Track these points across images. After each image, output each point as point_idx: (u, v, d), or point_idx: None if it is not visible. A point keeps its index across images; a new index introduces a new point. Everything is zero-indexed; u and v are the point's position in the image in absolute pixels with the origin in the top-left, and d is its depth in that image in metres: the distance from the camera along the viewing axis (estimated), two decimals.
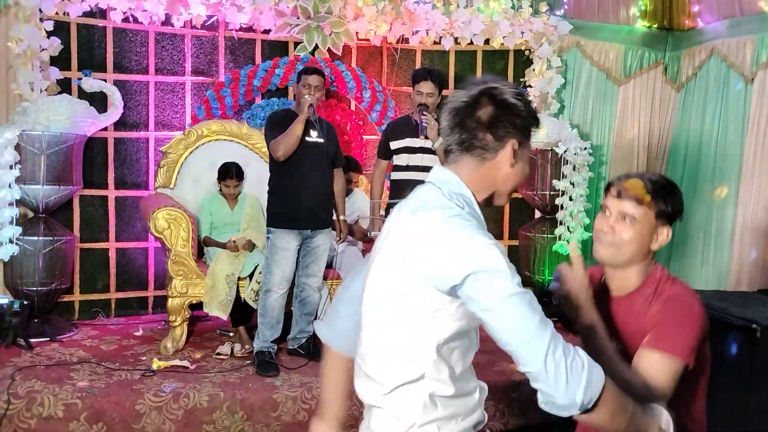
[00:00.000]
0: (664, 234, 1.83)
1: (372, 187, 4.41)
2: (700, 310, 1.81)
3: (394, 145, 4.23)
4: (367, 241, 4.61)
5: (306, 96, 3.88)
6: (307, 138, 3.94)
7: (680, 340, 1.74)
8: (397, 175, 4.22)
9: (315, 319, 4.21)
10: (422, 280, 1.39)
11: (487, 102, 1.47)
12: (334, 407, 1.73)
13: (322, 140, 3.98)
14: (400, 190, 4.07)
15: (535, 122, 1.52)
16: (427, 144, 4.08)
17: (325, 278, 4.22)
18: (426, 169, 4.05)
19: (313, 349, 4.07)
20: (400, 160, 4.22)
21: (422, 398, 1.44)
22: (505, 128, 1.46)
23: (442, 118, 1.53)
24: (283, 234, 3.92)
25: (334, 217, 4.13)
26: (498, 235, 5.85)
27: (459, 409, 1.50)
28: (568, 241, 5.24)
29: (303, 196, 3.90)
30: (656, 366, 1.72)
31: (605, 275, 1.96)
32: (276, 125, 3.96)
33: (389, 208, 4.07)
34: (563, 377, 1.33)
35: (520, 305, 1.35)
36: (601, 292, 1.93)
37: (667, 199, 1.82)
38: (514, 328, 1.38)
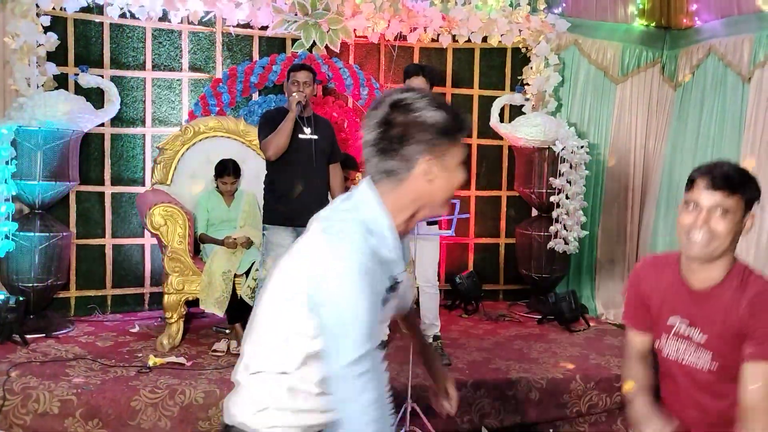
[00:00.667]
0: (750, 221, 1.84)
1: None
2: None
3: None
4: None
5: (294, 93, 3.88)
6: (300, 135, 3.93)
7: None
8: None
9: None
10: (300, 297, 1.40)
11: (396, 119, 1.40)
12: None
13: (315, 137, 3.97)
14: None
15: (454, 129, 1.42)
16: None
17: None
18: None
19: None
20: None
21: (283, 388, 1.47)
22: (413, 147, 1.39)
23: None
24: (278, 230, 3.91)
25: None
26: (495, 233, 5.86)
27: (320, 405, 1.49)
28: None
29: (298, 193, 3.90)
30: None
31: (684, 269, 1.93)
32: (267, 124, 3.96)
33: None
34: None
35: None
36: (679, 285, 1.92)
37: (751, 185, 1.84)
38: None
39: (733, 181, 1.80)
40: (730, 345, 1.83)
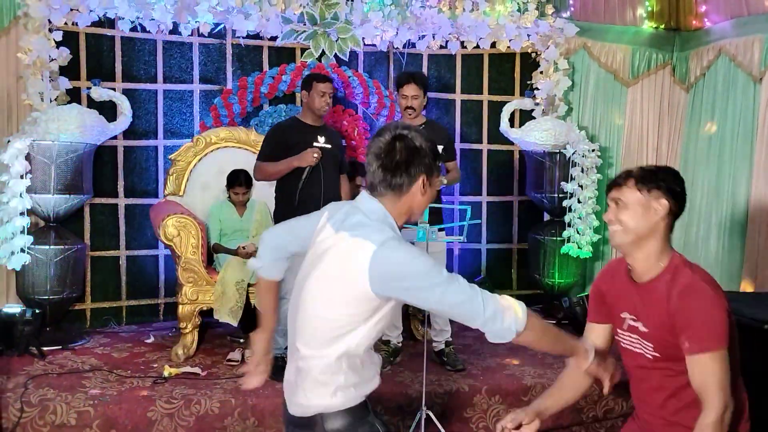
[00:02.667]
0: (662, 206, 1.99)
1: None
2: (718, 291, 1.96)
3: None
4: None
5: (314, 155, 3.87)
6: (315, 144, 3.97)
7: (715, 331, 1.90)
8: None
9: None
10: (363, 287, 1.76)
11: (401, 147, 1.84)
12: (270, 321, 2.24)
13: (329, 146, 4.01)
14: None
15: (437, 158, 1.91)
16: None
17: None
18: None
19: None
20: None
21: (344, 368, 1.84)
22: (415, 168, 1.85)
23: (366, 161, 1.90)
24: None
25: None
26: (507, 238, 5.84)
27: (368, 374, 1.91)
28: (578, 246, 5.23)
29: (313, 202, 3.89)
30: (711, 367, 1.89)
31: (629, 264, 2.10)
32: (271, 145, 4.02)
33: None
34: (499, 318, 1.76)
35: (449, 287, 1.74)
36: (627, 281, 2.10)
37: (650, 174, 2.01)
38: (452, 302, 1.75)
39: (623, 177, 2.03)
40: (668, 335, 1.96)
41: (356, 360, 1.84)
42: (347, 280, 1.77)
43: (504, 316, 1.75)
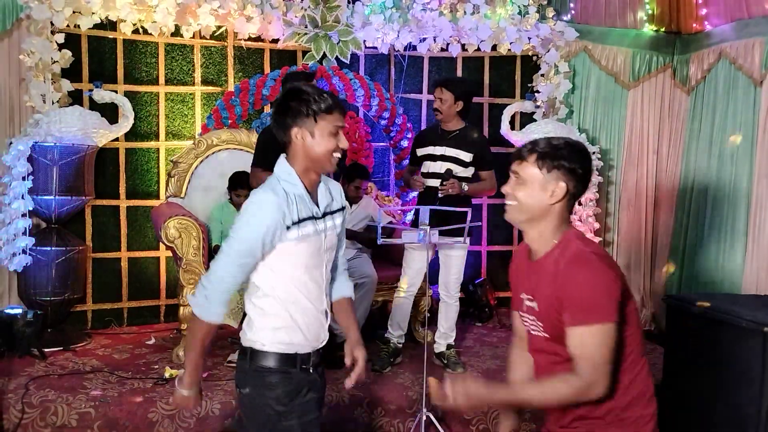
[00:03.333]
0: (560, 188, 1.89)
1: (404, 179, 4.53)
2: (608, 264, 1.86)
3: (420, 152, 4.22)
4: (375, 248, 4.61)
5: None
6: None
7: (598, 303, 1.79)
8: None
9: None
10: None
11: (278, 100, 2.07)
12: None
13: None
14: (421, 196, 4.15)
15: (318, 104, 1.99)
16: (448, 152, 4.08)
17: None
18: (439, 176, 4.07)
19: (329, 357, 4.10)
20: (423, 167, 4.21)
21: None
22: (286, 118, 2.02)
23: None
24: None
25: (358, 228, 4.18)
26: (508, 240, 5.85)
27: None
28: None
29: None
30: (588, 341, 1.79)
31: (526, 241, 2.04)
32: (266, 146, 3.93)
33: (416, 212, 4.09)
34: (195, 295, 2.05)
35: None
36: (526, 260, 2.03)
37: (552, 151, 1.90)
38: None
39: (527, 150, 1.94)
40: (555, 312, 1.87)
41: (268, 300, 2.06)
42: None
43: (199, 302, 2.02)
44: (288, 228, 1.98)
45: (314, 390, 2.14)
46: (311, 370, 2.11)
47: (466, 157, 4.11)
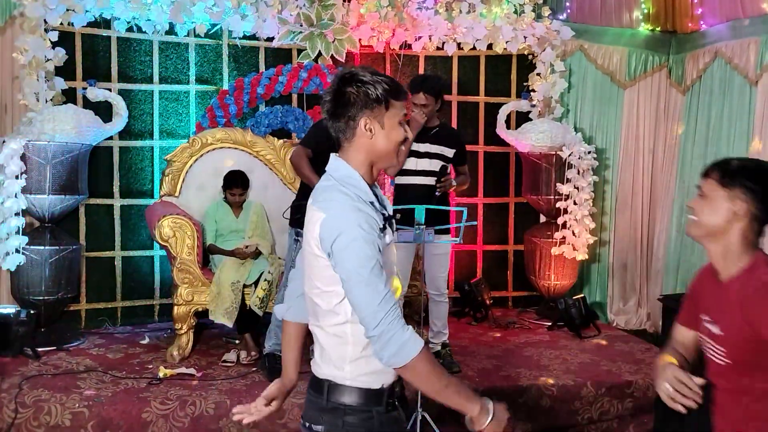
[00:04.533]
0: (739, 207, 1.82)
1: None
2: None
3: None
4: None
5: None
6: None
7: None
8: (402, 180, 4.15)
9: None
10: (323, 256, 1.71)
11: (336, 90, 1.74)
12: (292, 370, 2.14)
13: None
14: (405, 193, 4.06)
15: (389, 88, 1.74)
16: (432, 149, 4.08)
17: None
18: (431, 173, 4.06)
19: None
20: (407, 164, 4.14)
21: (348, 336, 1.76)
22: (352, 109, 1.73)
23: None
24: None
25: None
26: (503, 240, 5.85)
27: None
28: None
29: None
30: None
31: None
32: (320, 131, 3.84)
33: (395, 213, 4.04)
34: (383, 342, 1.63)
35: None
36: (712, 280, 1.94)
37: (734, 170, 1.85)
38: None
39: (713, 166, 1.89)
40: (746, 342, 1.80)
41: (347, 326, 1.74)
42: (312, 252, 1.73)
43: (388, 344, 1.61)
44: (380, 235, 1.71)
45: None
46: (396, 403, 1.83)
47: (449, 153, 4.12)
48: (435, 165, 4.08)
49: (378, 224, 1.70)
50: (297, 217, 3.96)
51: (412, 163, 4.11)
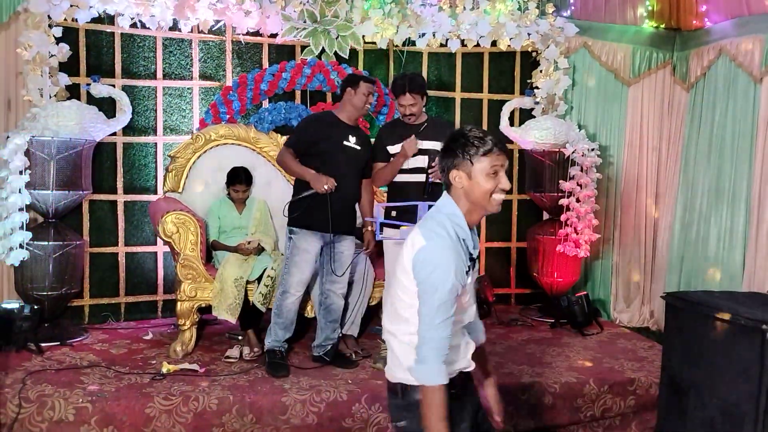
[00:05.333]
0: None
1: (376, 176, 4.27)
2: None
3: (392, 149, 4.09)
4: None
5: (326, 186, 3.81)
6: (345, 143, 3.96)
7: None
8: (396, 178, 4.09)
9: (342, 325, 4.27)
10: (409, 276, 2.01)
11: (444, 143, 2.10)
12: None
13: (359, 147, 4.01)
14: (401, 192, 4.01)
15: (475, 147, 2.01)
16: (424, 145, 4.00)
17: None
18: (422, 170, 4.03)
19: (337, 355, 4.11)
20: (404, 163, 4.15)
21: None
22: (446, 161, 2.06)
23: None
24: (306, 235, 3.91)
25: (359, 225, 4.16)
26: (506, 236, 5.84)
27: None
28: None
29: (334, 200, 3.85)
30: None
31: None
32: (302, 133, 4.04)
33: (390, 211, 4.03)
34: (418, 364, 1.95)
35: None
36: None
37: None
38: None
39: None
40: None
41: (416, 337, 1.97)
42: (403, 266, 2.02)
43: (419, 368, 1.94)
44: (466, 272, 2.01)
45: (467, 419, 2.17)
46: (458, 392, 2.11)
47: (440, 146, 4.05)
48: (426, 161, 4.03)
49: (465, 267, 1.99)
50: (294, 215, 3.97)
51: (405, 162, 4.07)
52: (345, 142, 3.96)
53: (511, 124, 5.53)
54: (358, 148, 4.01)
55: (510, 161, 5.79)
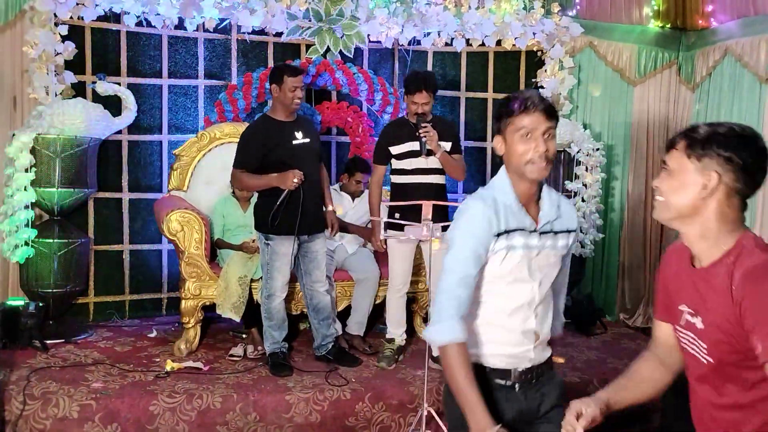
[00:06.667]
0: (712, 179, 1.57)
1: (371, 193, 4.22)
2: None
3: (395, 150, 4.07)
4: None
5: (295, 180, 3.73)
6: (294, 142, 3.88)
7: None
8: (400, 179, 4.09)
9: (334, 319, 4.27)
10: None
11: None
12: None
13: (308, 140, 3.94)
14: (405, 193, 3.97)
15: (508, 107, 1.91)
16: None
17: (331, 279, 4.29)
18: (429, 171, 4.02)
19: (340, 352, 4.11)
20: (403, 164, 4.08)
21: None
22: (496, 126, 1.97)
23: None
24: (283, 240, 3.87)
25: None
26: None
27: None
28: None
29: (303, 202, 3.80)
30: None
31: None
32: (247, 149, 3.87)
33: (393, 212, 4.00)
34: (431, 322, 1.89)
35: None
36: (688, 267, 1.70)
37: (705, 137, 1.59)
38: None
39: (678, 136, 1.64)
40: (725, 335, 1.55)
41: (469, 318, 1.90)
42: None
43: (433, 329, 1.85)
44: (496, 237, 1.87)
45: (513, 411, 1.94)
46: (514, 388, 1.95)
47: (447, 146, 4.02)
48: (432, 162, 4.01)
49: (497, 225, 1.87)
50: (275, 224, 3.84)
51: (408, 163, 4.04)
52: (294, 141, 3.86)
53: None
54: (308, 140, 3.92)
55: None
